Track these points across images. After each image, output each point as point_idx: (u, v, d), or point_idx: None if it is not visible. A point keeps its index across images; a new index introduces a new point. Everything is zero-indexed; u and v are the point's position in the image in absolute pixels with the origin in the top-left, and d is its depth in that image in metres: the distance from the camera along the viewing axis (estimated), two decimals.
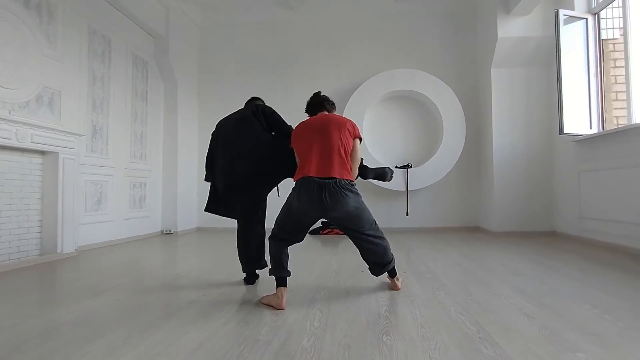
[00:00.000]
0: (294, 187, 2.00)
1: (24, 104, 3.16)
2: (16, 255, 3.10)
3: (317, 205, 1.91)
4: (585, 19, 4.05)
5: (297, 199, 1.96)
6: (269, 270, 2.07)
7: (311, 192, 1.90)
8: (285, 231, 2.05)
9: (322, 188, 1.90)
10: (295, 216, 2.01)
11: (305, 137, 2.05)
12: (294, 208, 1.99)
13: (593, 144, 3.85)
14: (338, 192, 1.90)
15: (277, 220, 2.08)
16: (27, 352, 1.38)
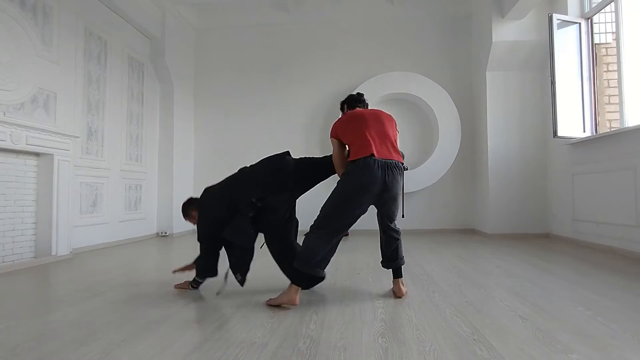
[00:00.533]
0: (351, 168, 1.98)
1: (19, 105, 3.15)
2: (10, 258, 3.08)
3: (380, 184, 1.95)
4: (578, 24, 4.10)
5: (357, 179, 1.94)
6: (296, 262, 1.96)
7: (375, 171, 1.93)
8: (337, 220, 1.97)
9: (385, 167, 1.96)
10: (352, 200, 1.96)
11: (359, 123, 2.08)
12: (351, 191, 1.96)
13: (586, 147, 3.89)
14: (397, 172, 2.02)
15: (328, 209, 1.99)
16: (22, 354, 1.38)
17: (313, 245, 1.95)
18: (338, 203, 1.98)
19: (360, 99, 2.37)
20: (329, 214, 1.98)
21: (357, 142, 2.03)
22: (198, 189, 5.77)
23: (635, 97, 3.47)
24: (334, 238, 1.99)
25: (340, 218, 1.97)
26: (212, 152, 5.87)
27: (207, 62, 5.93)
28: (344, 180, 2.01)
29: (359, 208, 1.99)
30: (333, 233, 1.98)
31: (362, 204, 1.98)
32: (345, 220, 1.98)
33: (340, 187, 2.00)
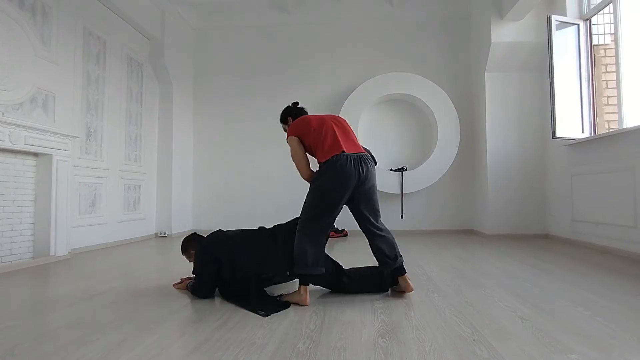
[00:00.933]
0: (326, 167, 2.00)
1: (17, 105, 3.14)
2: (8, 258, 3.07)
3: (354, 178, 1.98)
4: (577, 25, 4.12)
5: (332, 177, 1.98)
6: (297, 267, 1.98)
7: (348, 167, 1.98)
8: (321, 219, 2.01)
9: (357, 161, 2.02)
10: (331, 198, 1.99)
11: (320, 124, 2.13)
12: (329, 188, 1.99)
13: (585, 148, 3.90)
14: (369, 164, 2.07)
15: (309, 210, 2.03)
16: (21, 355, 1.37)
17: (305, 248, 1.99)
18: (319, 203, 2.02)
19: (302, 109, 2.44)
20: (313, 215, 2.02)
21: (324, 142, 2.08)
22: (197, 190, 5.80)
23: (634, 98, 3.48)
24: (321, 236, 2.05)
25: (324, 217, 2.03)
26: (211, 153, 5.86)
27: (206, 63, 5.93)
28: (320, 180, 2.03)
29: (339, 205, 2.04)
30: (320, 232, 2.04)
31: (341, 201, 2.02)
32: (327, 218, 2.04)
33: (319, 187, 2.03)
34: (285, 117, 2.44)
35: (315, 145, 2.11)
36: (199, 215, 5.78)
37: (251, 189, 5.70)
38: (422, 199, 5.40)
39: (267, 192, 5.66)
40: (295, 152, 2.16)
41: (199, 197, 5.83)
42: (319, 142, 2.09)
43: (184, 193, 5.62)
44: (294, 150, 2.16)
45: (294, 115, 2.39)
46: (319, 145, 2.09)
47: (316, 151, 2.11)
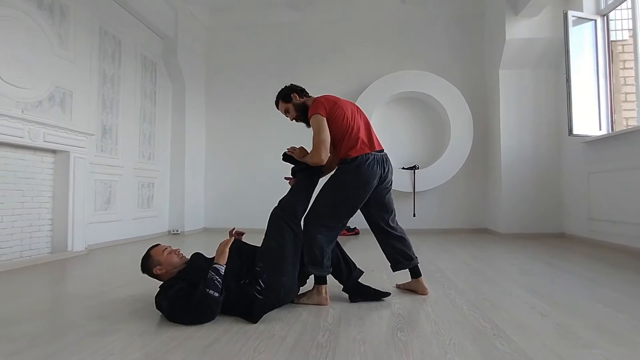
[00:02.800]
0: (354, 165, 1.90)
1: (36, 103, 3.20)
2: (28, 253, 3.13)
3: (377, 178, 1.93)
4: (594, 21, 4.04)
5: (359, 177, 1.89)
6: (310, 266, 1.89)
7: (375, 167, 1.92)
8: (341, 218, 1.94)
9: (381, 161, 1.97)
10: (355, 198, 1.92)
11: (349, 112, 1.99)
12: (354, 188, 1.90)
13: (602, 145, 3.83)
14: (390, 163, 2.04)
15: (330, 208, 1.92)
16: (45, 345, 1.40)
17: (326, 247, 1.91)
18: (342, 202, 1.92)
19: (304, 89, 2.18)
20: (333, 213, 1.92)
21: (356, 136, 1.94)
22: (209, 187, 5.84)
23: None
24: (337, 235, 1.99)
25: (346, 217, 1.96)
26: (223, 151, 5.90)
27: (218, 62, 5.97)
28: (345, 178, 1.91)
29: (360, 205, 1.98)
30: (337, 231, 1.97)
31: (362, 201, 1.96)
32: (346, 218, 1.97)
33: (344, 186, 1.91)
34: (288, 94, 2.11)
35: (344, 136, 1.94)
36: (211, 213, 5.82)
37: (262, 186, 5.72)
38: (435, 198, 5.36)
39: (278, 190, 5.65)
40: (325, 134, 1.91)
41: (211, 195, 5.87)
42: (349, 135, 1.94)
43: (196, 191, 5.67)
44: (324, 131, 1.91)
45: (299, 92, 2.13)
46: (349, 139, 1.94)
47: (343, 142, 1.95)
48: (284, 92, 2.14)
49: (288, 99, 2.12)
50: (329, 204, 1.93)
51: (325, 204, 1.94)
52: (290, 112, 2.13)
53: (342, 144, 1.96)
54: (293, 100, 2.11)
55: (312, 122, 1.96)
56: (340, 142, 1.96)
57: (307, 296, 1.93)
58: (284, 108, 2.15)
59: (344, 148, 1.95)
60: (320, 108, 1.94)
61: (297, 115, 2.11)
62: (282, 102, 2.15)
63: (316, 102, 1.98)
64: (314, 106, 1.96)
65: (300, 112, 2.09)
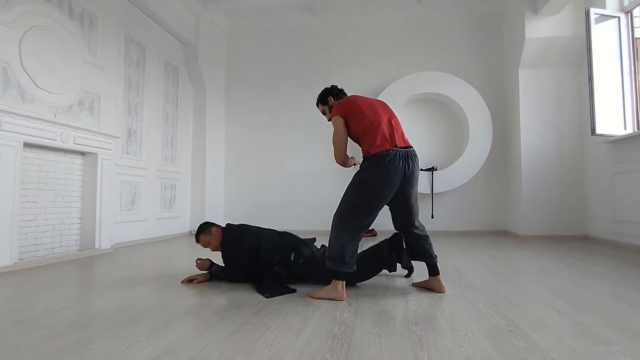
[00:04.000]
0: (374, 161, 1.92)
1: (67, 107, 3.37)
2: (58, 250, 3.30)
3: (401, 175, 1.92)
4: (617, 18, 3.95)
5: (380, 173, 1.90)
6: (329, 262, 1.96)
7: (397, 163, 1.91)
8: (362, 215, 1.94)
9: (405, 157, 1.95)
10: (376, 195, 1.92)
11: (370, 110, 2.02)
12: (376, 184, 1.91)
13: (628, 145, 3.73)
14: (416, 160, 2.02)
15: (351, 204, 1.95)
16: (79, 330, 1.49)
17: (344, 244, 1.93)
18: (366, 200, 1.93)
19: (342, 90, 2.33)
20: (358, 211, 1.94)
21: (376, 133, 1.95)
22: (229, 190, 5.98)
23: None
24: (361, 234, 1.99)
25: (370, 215, 1.96)
26: (243, 153, 6.02)
27: (238, 66, 6.11)
28: (366, 175, 1.94)
29: (383, 203, 1.98)
30: (361, 229, 1.97)
31: (386, 199, 1.96)
32: (372, 216, 1.97)
33: (365, 182, 1.94)
34: (325, 97, 2.29)
35: (364, 133, 1.98)
36: (231, 214, 5.94)
37: (281, 188, 5.81)
38: (453, 199, 5.32)
39: (297, 191, 5.74)
40: (339, 135, 2.02)
41: (231, 197, 6.00)
42: (369, 131, 1.97)
43: (216, 192, 5.80)
44: (339, 132, 2.02)
45: (335, 95, 2.28)
46: (369, 135, 1.97)
47: (364, 139, 1.99)
48: (322, 94, 2.31)
49: (325, 101, 2.30)
50: (349, 202, 1.97)
51: (346, 202, 1.98)
52: (327, 114, 2.29)
53: (364, 141, 2.00)
54: (329, 103, 2.28)
55: (333, 123, 2.08)
56: (362, 139, 2.01)
57: (324, 291, 1.97)
58: (322, 109, 2.33)
59: (365, 145, 1.99)
60: (338, 110, 2.06)
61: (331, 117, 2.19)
62: (321, 104, 2.33)
63: (336, 105, 2.11)
64: (334, 108, 2.10)
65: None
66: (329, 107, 2.28)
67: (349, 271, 1.96)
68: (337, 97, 2.27)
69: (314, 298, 1.95)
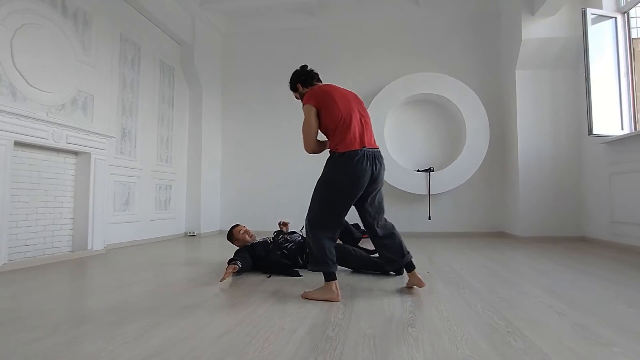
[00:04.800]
0: (342, 161, 1.91)
1: (60, 106, 3.33)
2: (50, 251, 3.24)
3: (368, 176, 1.93)
4: (614, 18, 3.95)
5: (348, 173, 1.90)
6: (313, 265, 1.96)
7: (365, 164, 1.91)
8: (334, 214, 1.95)
9: (373, 158, 1.96)
10: (346, 195, 1.93)
11: (344, 106, 1.98)
12: (344, 184, 1.91)
13: (625, 145, 3.71)
14: (382, 161, 2.03)
15: (323, 205, 1.94)
16: (65, 332, 1.44)
17: (324, 244, 1.93)
18: (337, 199, 1.94)
19: (315, 74, 2.23)
20: (326, 210, 1.95)
21: (347, 131, 1.93)
22: (225, 191, 5.93)
23: None
24: (336, 232, 2.00)
25: (342, 213, 1.98)
26: (239, 155, 5.98)
27: (234, 67, 6.07)
28: (335, 175, 1.93)
29: (352, 202, 1.99)
30: (335, 228, 1.99)
31: (355, 198, 1.97)
32: (343, 215, 1.99)
33: (334, 183, 1.93)
34: (294, 84, 2.24)
35: (335, 129, 1.96)
36: (227, 216, 5.89)
37: (277, 190, 5.76)
38: (450, 201, 5.29)
39: (292, 193, 5.69)
40: (309, 125, 1.99)
41: (227, 198, 5.95)
42: (340, 128, 1.95)
43: (212, 194, 5.75)
44: (309, 122, 1.99)
45: (303, 82, 2.20)
46: (340, 132, 1.95)
47: (334, 134, 1.96)
48: (292, 79, 2.27)
49: (294, 88, 2.26)
50: (321, 203, 1.97)
51: (318, 203, 1.97)
52: (299, 99, 2.24)
53: (334, 136, 1.98)
54: (299, 90, 2.23)
55: (303, 111, 2.03)
56: (332, 134, 1.99)
57: (318, 292, 1.93)
58: (295, 96, 2.31)
59: (334, 140, 1.98)
60: (311, 99, 2.01)
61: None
62: (292, 91, 2.29)
63: (309, 92, 2.06)
64: (307, 95, 2.05)
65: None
66: (300, 94, 2.21)
67: (335, 270, 1.94)
68: (306, 83, 2.19)
69: (308, 299, 1.91)
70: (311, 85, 2.19)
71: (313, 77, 2.21)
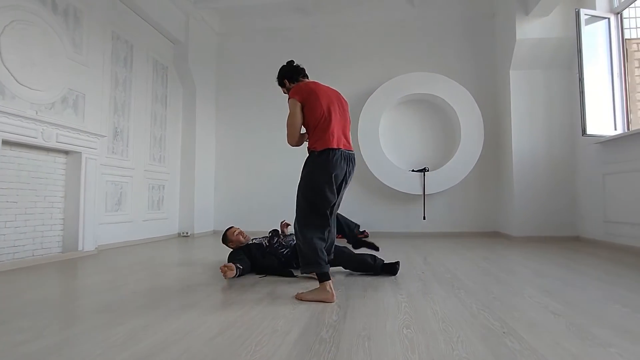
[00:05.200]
0: (321, 160, 1.95)
1: (50, 105, 3.27)
2: (40, 252, 3.18)
3: (343, 175, 2.01)
4: (607, 19, 3.97)
5: (328, 172, 1.94)
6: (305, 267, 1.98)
7: (342, 164, 1.98)
8: (319, 213, 1.98)
9: (348, 159, 2.04)
10: (326, 193, 1.95)
11: (327, 105, 2.03)
12: (324, 183, 1.94)
13: (618, 145, 3.73)
14: (354, 163, 2.10)
15: (307, 205, 1.97)
16: (50, 336, 1.40)
17: (317, 244, 1.94)
18: (317, 200, 1.97)
19: (302, 69, 2.27)
20: (317, 210, 1.98)
21: (327, 129, 1.98)
22: (219, 191, 5.88)
23: None
24: (325, 232, 2.02)
25: (326, 213, 2.01)
26: (233, 154, 5.94)
27: (228, 66, 6.03)
28: (315, 176, 1.97)
29: (335, 199, 2.03)
30: (324, 228, 2.01)
31: (336, 195, 2.02)
32: (329, 213, 2.02)
33: (315, 183, 1.96)
34: (281, 79, 2.28)
35: (316, 125, 2.00)
36: (221, 216, 5.84)
37: (271, 190, 5.72)
38: (445, 200, 5.29)
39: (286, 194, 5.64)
40: (295, 118, 2.02)
41: (221, 199, 5.90)
42: (320, 126, 1.99)
43: (206, 194, 5.70)
44: (295, 115, 2.02)
45: (290, 77, 2.24)
46: (320, 130, 1.99)
47: (314, 131, 2.01)
48: (279, 74, 2.29)
49: (281, 83, 2.30)
50: (306, 203, 2.00)
51: (304, 204, 2.00)
52: (286, 93, 2.25)
53: (313, 133, 2.02)
54: (286, 85, 2.27)
55: (289, 105, 2.07)
56: (312, 131, 2.03)
57: (312, 293, 1.91)
58: (282, 91, 2.33)
59: (313, 138, 2.02)
60: (297, 94, 2.05)
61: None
62: (280, 86, 2.33)
63: (295, 87, 2.11)
64: (293, 90, 2.09)
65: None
66: (287, 89, 2.26)
67: (327, 270, 1.93)
68: (293, 79, 2.24)
69: (302, 300, 1.88)
70: (297, 80, 2.24)
71: (299, 73, 2.26)
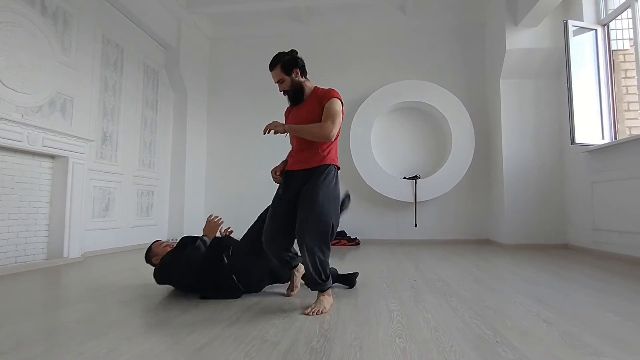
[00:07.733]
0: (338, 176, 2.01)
1: (36, 108, 3.20)
2: (23, 259, 3.09)
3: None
4: (594, 30, 4.05)
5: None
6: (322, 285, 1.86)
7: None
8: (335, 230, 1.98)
9: None
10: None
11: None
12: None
13: (606, 154, 3.78)
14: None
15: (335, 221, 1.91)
16: (29, 347, 1.34)
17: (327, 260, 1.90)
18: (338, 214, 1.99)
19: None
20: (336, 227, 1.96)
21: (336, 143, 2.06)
22: (209, 197, 5.81)
23: None
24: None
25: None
26: (224, 160, 5.88)
27: (220, 71, 6.00)
28: (338, 190, 1.99)
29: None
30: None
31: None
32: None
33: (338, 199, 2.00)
34: (290, 67, 2.00)
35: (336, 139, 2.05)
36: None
37: (262, 196, 5.65)
38: (436, 208, 5.30)
39: None
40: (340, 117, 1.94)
41: (211, 205, 5.83)
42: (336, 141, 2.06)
43: (196, 200, 5.63)
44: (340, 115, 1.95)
45: (302, 71, 2.05)
46: (335, 145, 2.07)
47: (333, 144, 2.05)
48: (287, 62, 2.00)
49: (289, 71, 1.99)
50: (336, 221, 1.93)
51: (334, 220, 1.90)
52: (284, 84, 2.01)
53: (331, 147, 2.01)
54: (293, 75, 2.00)
55: (334, 104, 1.93)
56: (332, 144, 2.03)
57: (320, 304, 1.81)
58: (280, 77, 2.01)
59: (332, 152, 2.01)
60: (340, 99, 2.00)
61: (288, 91, 2.04)
62: (281, 71, 1.99)
63: (338, 93, 2.02)
64: (339, 95, 2.00)
65: (294, 90, 2.02)
66: (291, 80, 2.00)
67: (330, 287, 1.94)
68: (304, 74, 2.07)
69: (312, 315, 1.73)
70: (306, 76, 2.07)
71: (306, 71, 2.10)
